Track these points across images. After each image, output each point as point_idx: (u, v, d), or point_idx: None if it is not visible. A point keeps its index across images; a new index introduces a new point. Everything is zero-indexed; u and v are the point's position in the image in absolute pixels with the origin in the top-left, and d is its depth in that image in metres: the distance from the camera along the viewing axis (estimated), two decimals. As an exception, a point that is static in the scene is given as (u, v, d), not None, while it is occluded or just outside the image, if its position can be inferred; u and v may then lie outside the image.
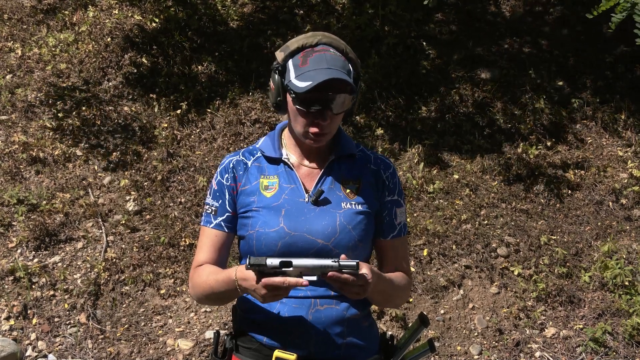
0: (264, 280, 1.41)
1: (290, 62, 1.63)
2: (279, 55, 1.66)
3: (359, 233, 1.65)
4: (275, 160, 1.74)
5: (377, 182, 1.75)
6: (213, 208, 1.75)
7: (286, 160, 1.73)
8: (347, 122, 1.76)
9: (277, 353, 1.60)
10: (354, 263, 1.40)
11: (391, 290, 1.69)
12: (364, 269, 1.45)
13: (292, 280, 1.39)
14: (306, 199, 1.68)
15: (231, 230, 1.74)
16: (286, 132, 1.78)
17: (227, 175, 1.74)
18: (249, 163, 1.76)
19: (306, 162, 1.74)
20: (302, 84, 1.56)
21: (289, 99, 1.63)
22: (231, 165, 1.76)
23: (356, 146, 1.80)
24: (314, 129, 1.61)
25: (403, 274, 1.76)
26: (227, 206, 1.73)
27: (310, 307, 1.62)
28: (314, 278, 1.42)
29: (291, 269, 1.40)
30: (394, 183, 1.77)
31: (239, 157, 1.78)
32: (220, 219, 1.73)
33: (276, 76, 1.65)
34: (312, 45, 1.63)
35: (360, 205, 1.68)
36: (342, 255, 1.45)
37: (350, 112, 1.74)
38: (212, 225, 1.74)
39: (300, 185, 1.70)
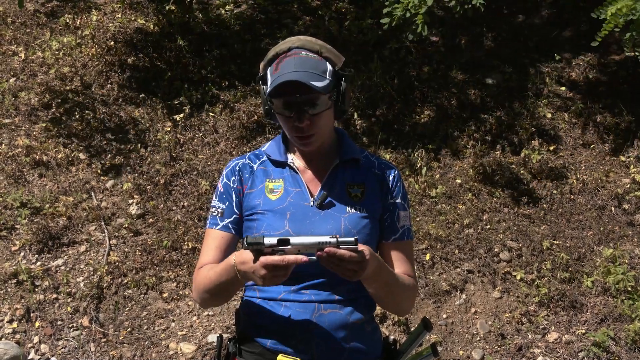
0: (262, 259, 1.38)
1: (268, 71, 1.67)
2: (261, 65, 1.70)
3: (363, 237, 1.65)
4: (281, 164, 1.75)
5: (381, 186, 1.75)
6: (219, 210, 1.75)
7: (291, 164, 1.74)
8: (340, 118, 1.75)
9: (280, 358, 1.60)
10: (353, 239, 1.39)
11: (395, 286, 1.66)
12: (363, 248, 1.43)
13: (290, 257, 1.36)
14: (311, 203, 1.68)
15: (237, 232, 1.75)
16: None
17: (233, 177, 1.76)
18: (255, 166, 1.77)
19: (311, 167, 1.75)
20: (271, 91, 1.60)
21: (273, 108, 1.66)
22: (237, 168, 1.77)
23: (360, 151, 1.80)
24: (297, 133, 1.63)
25: (407, 276, 1.75)
26: (235, 208, 1.74)
27: (314, 311, 1.62)
28: (313, 257, 1.39)
29: (289, 247, 1.38)
30: (397, 187, 1.77)
31: (245, 160, 1.80)
32: (227, 220, 1.74)
33: (262, 86, 1.69)
34: (285, 51, 1.66)
35: (365, 210, 1.69)
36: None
37: (341, 110, 1.71)
38: (218, 227, 1.74)
39: (305, 189, 1.70)
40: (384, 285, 1.62)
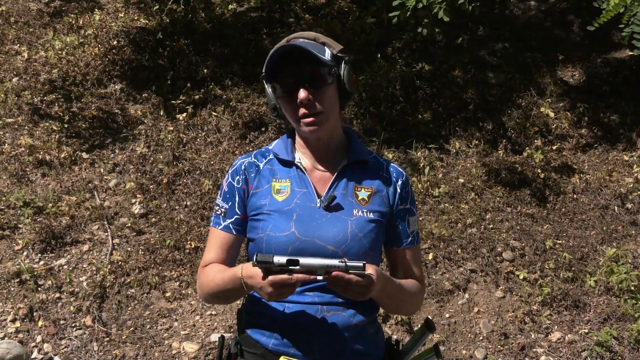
0: (271, 277, 1.40)
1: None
2: (264, 66, 1.69)
3: (369, 241, 1.64)
4: (288, 163, 1.73)
5: (389, 190, 1.74)
6: (222, 210, 1.74)
7: (299, 164, 1.72)
8: (345, 105, 1.75)
9: (282, 359, 1.60)
10: (361, 264, 1.41)
11: (401, 295, 1.68)
12: (370, 270, 1.45)
13: (299, 275, 1.39)
14: (318, 204, 1.67)
15: (240, 232, 1.74)
16: (298, 136, 1.78)
17: (238, 177, 1.74)
18: (261, 165, 1.75)
19: (319, 167, 1.73)
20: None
21: (276, 95, 1.66)
22: (243, 167, 1.75)
23: (369, 153, 1.79)
24: (302, 111, 1.61)
25: (415, 281, 1.76)
26: (237, 208, 1.73)
27: (317, 313, 1.61)
28: (320, 277, 1.41)
29: (298, 267, 1.39)
30: (406, 192, 1.76)
31: (251, 159, 1.77)
32: (229, 221, 1.73)
33: (265, 84, 1.69)
34: (283, 45, 1.67)
35: (372, 213, 1.68)
36: None
37: (346, 95, 1.70)
38: (220, 227, 1.74)
39: (312, 190, 1.69)
40: (390, 296, 1.64)
